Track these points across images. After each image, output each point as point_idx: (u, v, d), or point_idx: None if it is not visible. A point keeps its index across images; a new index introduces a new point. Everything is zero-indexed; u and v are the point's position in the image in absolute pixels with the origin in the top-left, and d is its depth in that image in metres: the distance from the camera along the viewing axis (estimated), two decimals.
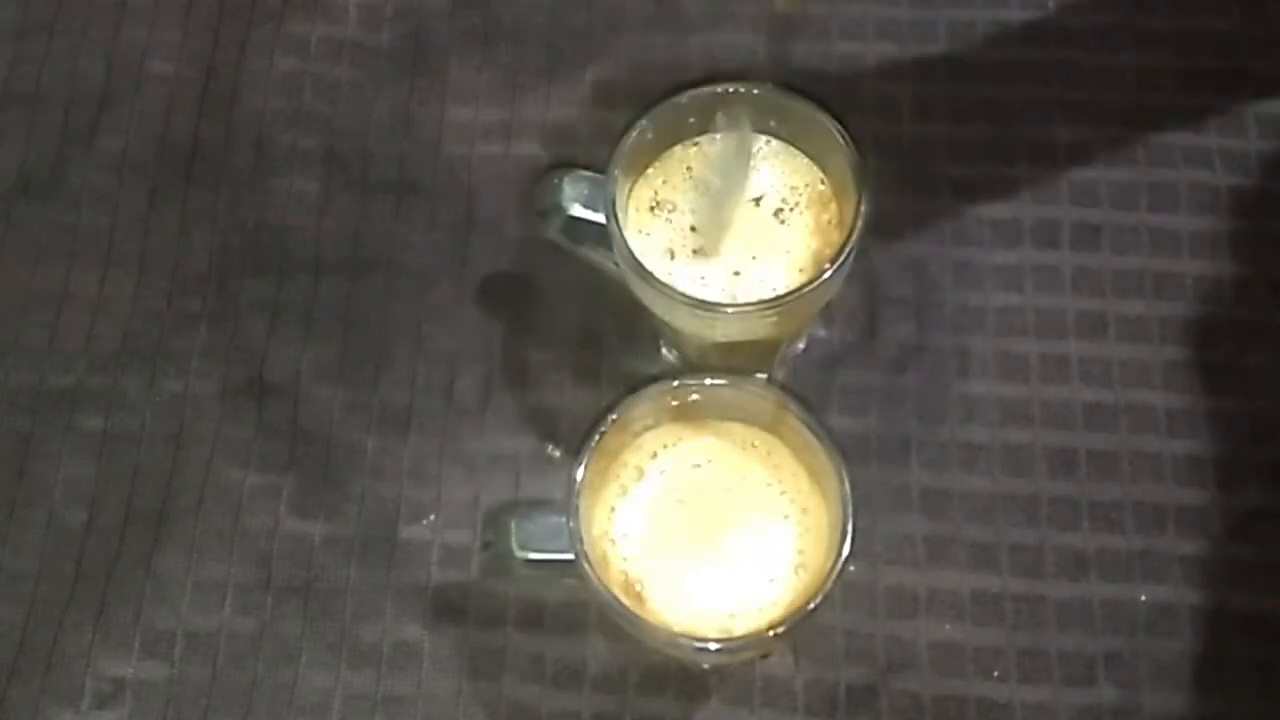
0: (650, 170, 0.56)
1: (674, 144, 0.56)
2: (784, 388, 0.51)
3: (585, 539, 0.49)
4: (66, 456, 0.60)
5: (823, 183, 0.56)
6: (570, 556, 0.49)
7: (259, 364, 0.61)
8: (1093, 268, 0.62)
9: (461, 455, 0.60)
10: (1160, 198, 0.63)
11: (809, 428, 0.50)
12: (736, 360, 0.56)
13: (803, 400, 0.51)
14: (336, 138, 0.65)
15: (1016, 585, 0.57)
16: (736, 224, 0.55)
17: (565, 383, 0.61)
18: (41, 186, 0.65)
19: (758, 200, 0.55)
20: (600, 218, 0.53)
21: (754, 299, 0.54)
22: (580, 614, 0.57)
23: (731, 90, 0.54)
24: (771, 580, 0.51)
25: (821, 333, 0.61)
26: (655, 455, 0.53)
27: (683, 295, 0.52)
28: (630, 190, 0.55)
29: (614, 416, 0.50)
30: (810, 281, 0.52)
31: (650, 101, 0.55)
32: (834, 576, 0.48)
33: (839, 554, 0.48)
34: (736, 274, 0.54)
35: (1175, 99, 0.65)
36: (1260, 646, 0.56)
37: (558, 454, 0.59)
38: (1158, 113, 0.64)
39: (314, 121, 0.66)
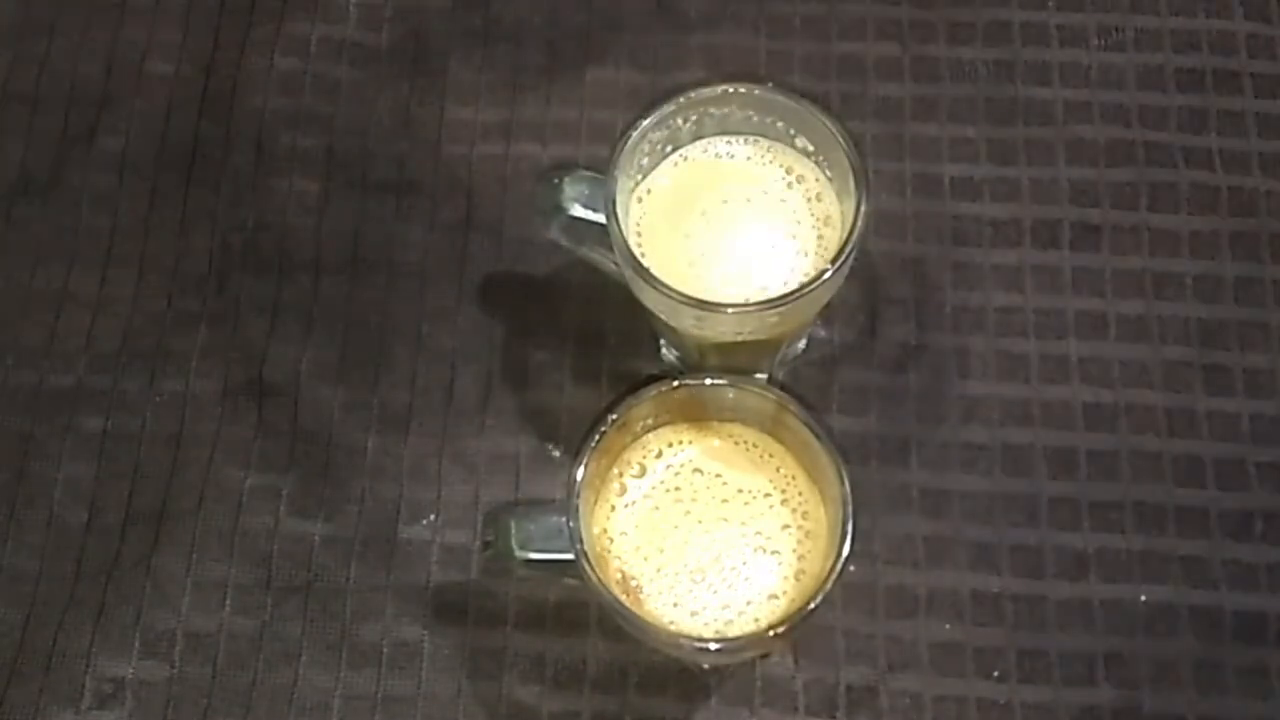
0: (650, 170, 0.56)
1: (674, 144, 0.56)
2: (784, 388, 0.51)
3: (585, 539, 0.49)
4: (66, 456, 0.60)
5: (823, 182, 0.56)
6: (570, 556, 0.49)
7: (259, 364, 0.61)
8: (1093, 268, 0.62)
9: (461, 455, 0.60)
10: (1160, 198, 0.63)
11: (809, 428, 0.50)
12: (736, 360, 0.56)
13: (803, 400, 0.51)
14: (336, 138, 0.65)
15: (1016, 585, 0.57)
16: (735, 224, 0.55)
17: (565, 383, 0.61)
18: (41, 186, 0.65)
19: (757, 200, 0.56)
20: (600, 218, 0.53)
21: (754, 299, 0.54)
22: (580, 614, 0.57)
23: (731, 90, 0.54)
24: (771, 580, 0.51)
25: (821, 333, 0.61)
26: (655, 455, 0.53)
27: (683, 295, 0.52)
28: (631, 190, 0.55)
29: (614, 416, 0.50)
30: (810, 281, 0.52)
31: (650, 101, 0.55)
32: (834, 577, 0.48)
33: (839, 554, 0.48)
34: (736, 274, 0.54)
35: (1175, 99, 0.65)
36: (1260, 647, 0.56)
37: (558, 454, 0.59)
38: (1158, 113, 0.64)
39: (314, 121, 0.66)
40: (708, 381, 0.52)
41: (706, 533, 0.51)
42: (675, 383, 0.51)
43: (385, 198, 0.64)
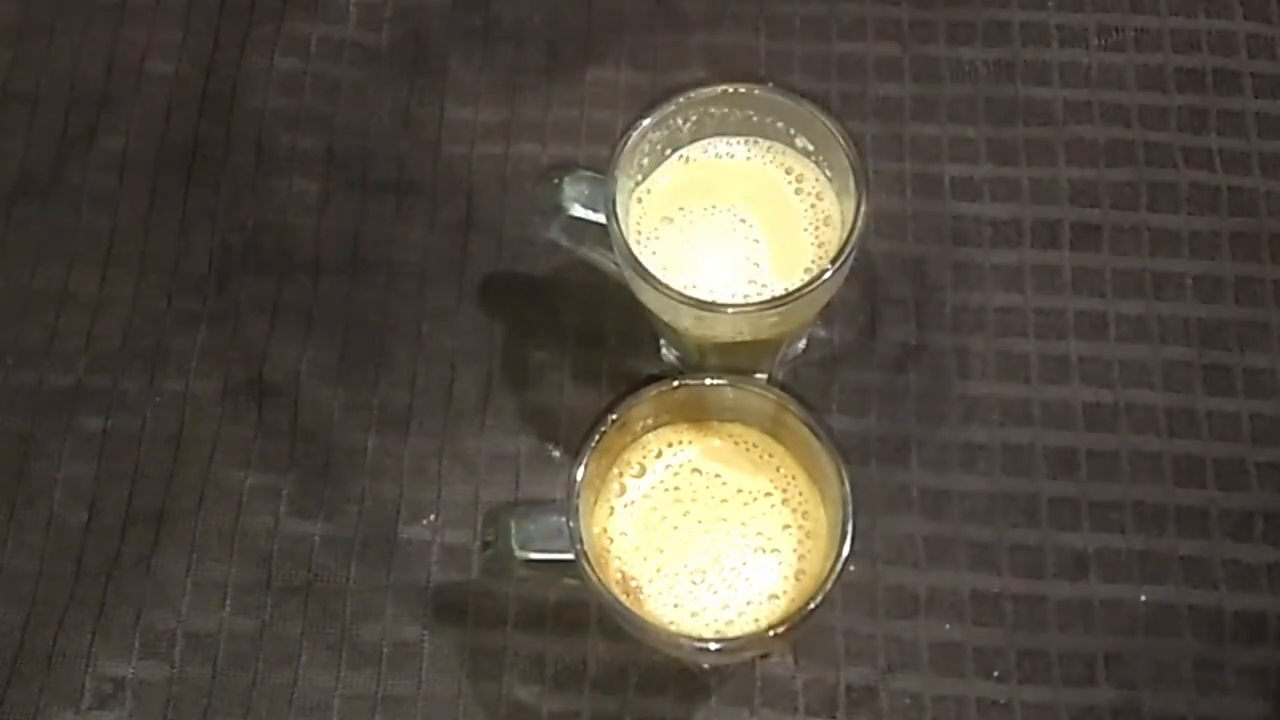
0: (650, 170, 0.56)
1: (674, 144, 0.56)
2: (784, 388, 0.51)
3: (585, 539, 0.49)
4: (66, 456, 0.60)
5: (823, 182, 0.56)
6: (570, 556, 0.49)
7: (259, 364, 0.61)
8: (1093, 268, 0.62)
9: (461, 455, 0.60)
10: (1160, 198, 0.63)
11: (809, 428, 0.50)
12: (736, 360, 0.56)
13: (803, 400, 0.51)
14: (336, 138, 0.65)
15: (1016, 585, 0.57)
16: (735, 224, 0.55)
17: (565, 383, 0.61)
18: (41, 186, 0.65)
19: (757, 200, 0.56)
20: (600, 218, 0.53)
21: (754, 299, 0.54)
22: (580, 614, 0.57)
23: (731, 90, 0.54)
24: (771, 580, 0.51)
25: (821, 333, 0.61)
26: (655, 455, 0.53)
27: (682, 295, 0.52)
28: (631, 190, 0.55)
29: (614, 416, 0.50)
30: (810, 281, 0.52)
31: (650, 101, 0.55)
32: (834, 577, 0.48)
33: (839, 554, 0.48)
34: (736, 274, 0.54)
35: (1175, 99, 0.65)
36: (1260, 647, 0.56)
37: (558, 454, 0.59)
38: (1158, 113, 0.64)
39: (314, 121, 0.66)
40: (708, 381, 0.52)
41: (706, 533, 0.51)
42: (675, 383, 0.51)
43: (385, 198, 0.64)
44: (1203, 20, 0.66)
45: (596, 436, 0.50)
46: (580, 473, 0.50)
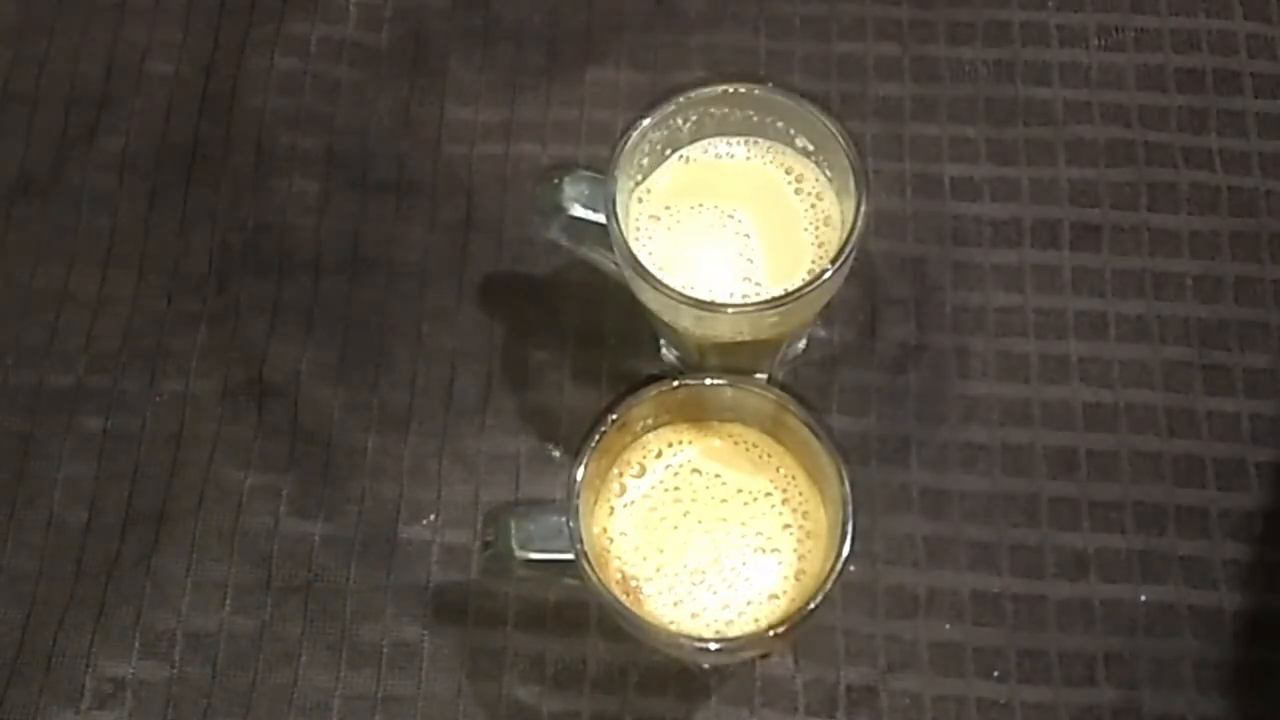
0: (650, 170, 0.56)
1: (674, 144, 0.56)
2: (784, 388, 0.51)
3: (585, 539, 0.49)
4: (66, 456, 0.60)
5: (823, 182, 0.56)
6: (570, 556, 0.49)
7: (259, 364, 0.61)
8: (1093, 268, 0.62)
9: (461, 455, 0.60)
10: (1160, 198, 0.63)
11: (809, 428, 0.50)
12: (736, 360, 0.56)
13: (803, 400, 0.51)
14: (336, 138, 0.65)
15: (1016, 585, 0.57)
16: (735, 225, 0.55)
17: (565, 383, 0.61)
18: (41, 186, 0.65)
19: (757, 201, 0.56)
20: (600, 218, 0.53)
21: (754, 299, 0.54)
22: (580, 614, 0.57)
23: (731, 90, 0.54)
24: (771, 580, 0.51)
25: (821, 333, 0.61)
26: (655, 455, 0.53)
27: (682, 295, 0.52)
28: (631, 190, 0.55)
29: (614, 416, 0.50)
30: (810, 282, 0.52)
31: (650, 101, 0.55)
32: (834, 577, 0.48)
33: (839, 554, 0.48)
34: (736, 274, 0.54)
35: (1175, 99, 0.65)
36: (1260, 646, 0.56)
37: (558, 454, 0.59)
38: (1158, 113, 0.64)
39: (314, 121, 0.66)
40: (708, 381, 0.52)
41: (706, 533, 0.51)
42: (675, 383, 0.51)
43: (385, 198, 0.64)
44: (1203, 20, 0.66)
45: (596, 436, 0.50)
46: (580, 473, 0.50)
